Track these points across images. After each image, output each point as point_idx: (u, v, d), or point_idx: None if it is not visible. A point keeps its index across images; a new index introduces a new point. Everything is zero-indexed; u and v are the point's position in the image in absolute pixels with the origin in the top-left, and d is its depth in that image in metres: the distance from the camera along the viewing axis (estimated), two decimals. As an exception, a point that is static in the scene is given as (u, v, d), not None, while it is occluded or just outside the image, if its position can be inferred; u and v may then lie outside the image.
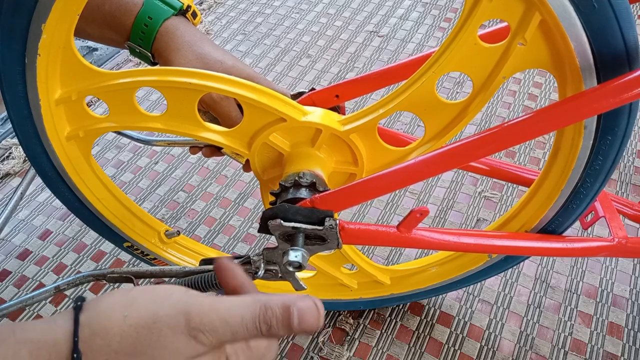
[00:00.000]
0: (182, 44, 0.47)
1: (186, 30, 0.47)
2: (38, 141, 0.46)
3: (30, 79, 0.41)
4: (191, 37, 0.47)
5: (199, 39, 0.48)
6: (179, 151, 0.90)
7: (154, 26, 0.46)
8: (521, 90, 0.95)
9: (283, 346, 0.64)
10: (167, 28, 0.47)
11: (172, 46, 0.47)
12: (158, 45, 0.47)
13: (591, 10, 0.34)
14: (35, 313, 0.69)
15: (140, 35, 0.46)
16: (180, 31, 0.47)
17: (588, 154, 0.43)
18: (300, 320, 0.28)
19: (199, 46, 0.48)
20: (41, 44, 0.39)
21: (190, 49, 0.47)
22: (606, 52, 0.35)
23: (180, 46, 0.47)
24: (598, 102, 0.35)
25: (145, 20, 0.46)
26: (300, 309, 0.28)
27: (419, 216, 0.42)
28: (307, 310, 0.28)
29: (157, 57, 0.49)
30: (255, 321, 0.27)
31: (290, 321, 0.28)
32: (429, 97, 0.42)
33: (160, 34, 0.47)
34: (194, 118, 0.44)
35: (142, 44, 0.47)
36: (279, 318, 0.28)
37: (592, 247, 0.50)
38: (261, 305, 0.28)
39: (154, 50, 0.48)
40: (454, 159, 0.40)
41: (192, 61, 0.47)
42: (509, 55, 0.38)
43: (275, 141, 0.45)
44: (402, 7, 1.17)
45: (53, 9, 0.37)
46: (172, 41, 0.47)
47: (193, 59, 0.47)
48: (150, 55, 0.48)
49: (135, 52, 0.49)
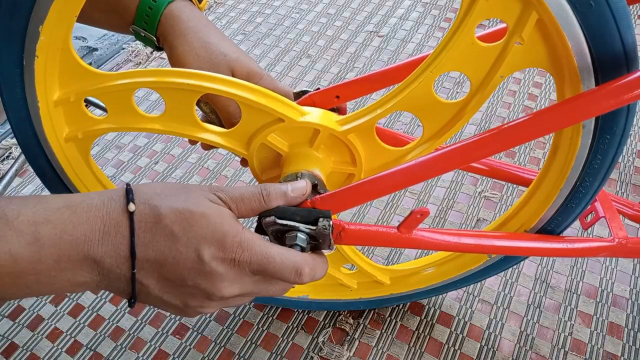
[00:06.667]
0: (186, 29, 0.47)
1: (192, 15, 0.47)
2: (37, 142, 0.46)
3: (29, 80, 0.41)
4: (197, 22, 0.47)
5: (204, 25, 0.48)
6: (179, 151, 0.90)
7: (158, 9, 0.45)
8: (521, 90, 0.95)
9: (283, 346, 0.64)
10: (172, 11, 0.46)
11: (177, 30, 0.47)
12: (163, 29, 0.47)
13: (588, 9, 0.34)
14: (35, 313, 0.69)
15: (145, 19, 0.46)
16: (185, 15, 0.47)
17: (587, 153, 0.43)
18: (292, 187, 0.40)
19: (205, 33, 0.48)
20: (39, 45, 0.39)
21: (195, 36, 0.47)
22: (604, 52, 0.35)
23: (185, 31, 0.47)
24: (597, 104, 0.35)
25: (149, 2, 0.45)
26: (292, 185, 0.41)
27: (419, 217, 0.42)
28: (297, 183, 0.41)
29: (162, 41, 0.49)
30: (258, 190, 0.38)
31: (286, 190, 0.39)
32: (426, 96, 0.42)
33: (165, 17, 0.46)
34: (192, 119, 0.44)
35: (146, 27, 0.46)
36: (277, 189, 0.39)
37: (592, 247, 0.50)
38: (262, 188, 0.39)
39: (159, 34, 0.48)
40: (454, 160, 0.40)
41: (196, 48, 0.47)
42: (506, 54, 0.38)
43: (273, 142, 0.45)
44: (402, 7, 1.17)
45: (50, 10, 0.37)
46: (177, 25, 0.47)
47: (198, 46, 0.47)
48: (155, 39, 0.48)
49: (140, 36, 0.48)
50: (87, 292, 0.71)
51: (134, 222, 0.33)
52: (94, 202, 0.34)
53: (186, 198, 0.35)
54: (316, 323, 0.66)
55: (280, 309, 0.68)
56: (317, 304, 0.65)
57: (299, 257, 0.37)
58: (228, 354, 0.64)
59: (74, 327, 0.67)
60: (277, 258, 0.36)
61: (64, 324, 0.68)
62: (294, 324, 0.66)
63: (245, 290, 0.37)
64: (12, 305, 0.70)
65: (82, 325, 0.67)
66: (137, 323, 0.67)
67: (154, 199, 0.34)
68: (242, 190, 0.38)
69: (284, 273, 0.36)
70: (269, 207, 0.39)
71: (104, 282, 0.34)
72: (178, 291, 0.36)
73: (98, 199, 0.34)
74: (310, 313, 0.67)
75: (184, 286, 0.35)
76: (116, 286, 0.35)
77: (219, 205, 0.36)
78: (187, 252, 0.34)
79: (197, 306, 0.37)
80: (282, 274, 0.36)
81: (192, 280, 0.35)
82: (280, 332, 0.66)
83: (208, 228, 0.34)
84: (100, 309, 0.69)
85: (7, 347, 0.66)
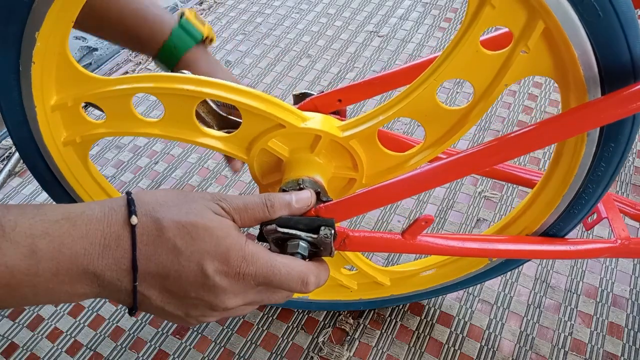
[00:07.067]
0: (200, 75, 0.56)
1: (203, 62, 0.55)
2: (34, 146, 0.45)
3: (25, 86, 0.41)
4: (207, 68, 0.56)
5: (213, 70, 0.56)
6: (179, 151, 0.90)
7: (177, 55, 0.53)
8: (521, 91, 0.95)
9: (283, 346, 0.64)
10: (188, 59, 0.54)
11: None
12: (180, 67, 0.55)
13: (596, 19, 0.33)
14: (35, 313, 0.69)
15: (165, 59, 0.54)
16: (199, 62, 0.55)
17: (590, 160, 0.42)
18: (297, 198, 0.40)
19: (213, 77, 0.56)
20: (35, 51, 0.38)
21: None
22: (611, 62, 0.34)
23: None
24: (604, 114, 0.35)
25: (171, 49, 0.53)
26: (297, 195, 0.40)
27: (424, 224, 0.42)
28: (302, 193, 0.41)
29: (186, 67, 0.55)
30: (262, 200, 0.38)
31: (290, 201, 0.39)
32: (429, 104, 0.41)
33: (182, 62, 0.54)
34: (191, 124, 0.44)
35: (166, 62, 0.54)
36: (281, 200, 0.39)
37: (595, 249, 0.50)
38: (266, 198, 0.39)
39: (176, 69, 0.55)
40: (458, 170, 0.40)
41: None
42: (511, 63, 0.37)
43: (274, 147, 0.45)
44: (402, 7, 1.16)
45: (47, 17, 0.36)
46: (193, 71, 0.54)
47: None
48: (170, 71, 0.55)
49: None
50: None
51: (135, 235, 0.33)
52: (94, 214, 0.33)
53: (188, 209, 0.35)
54: (316, 323, 0.66)
55: (280, 309, 0.68)
56: (317, 304, 0.65)
57: (304, 266, 0.37)
58: (228, 354, 0.64)
59: (74, 327, 0.67)
60: (282, 269, 0.36)
61: (64, 324, 0.68)
62: (294, 324, 0.66)
63: (248, 301, 0.37)
64: (12, 304, 0.70)
65: (82, 325, 0.67)
66: (137, 323, 0.67)
67: (156, 210, 0.34)
68: (245, 200, 0.38)
69: (290, 284, 0.36)
70: (272, 218, 0.39)
71: (103, 293, 0.34)
72: (180, 302, 0.35)
73: (98, 209, 0.34)
74: (310, 313, 0.67)
75: (187, 297, 0.35)
76: (117, 297, 0.35)
77: (221, 217, 0.36)
78: (190, 266, 0.34)
79: (199, 316, 0.37)
80: (288, 284, 0.36)
81: (195, 292, 0.35)
82: (280, 332, 0.66)
83: (211, 242, 0.34)
84: (100, 309, 0.69)
85: (7, 347, 0.66)
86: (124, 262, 0.33)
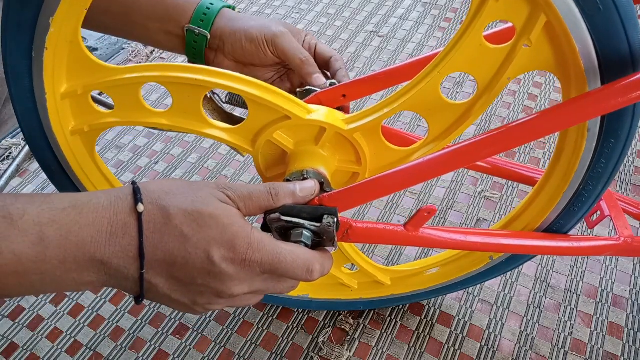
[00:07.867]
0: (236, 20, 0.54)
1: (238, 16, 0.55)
2: (42, 135, 0.46)
3: (37, 72, 0.41)
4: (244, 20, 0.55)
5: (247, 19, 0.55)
6: (179, 151, 0.90)
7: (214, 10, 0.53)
8: (521, 90, 0.96)
9: (283, 346, 0.64)
10: (224, 13, 0.54)
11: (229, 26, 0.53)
12: (217, 26, 0.53)
13: (596, 12, 0.34)
14: (35, 313, 0.68)
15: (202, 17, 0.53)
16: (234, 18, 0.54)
17: (591, 156, 0.43)
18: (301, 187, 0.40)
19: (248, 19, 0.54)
20: (49, 37, 0.39)
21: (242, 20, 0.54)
22: (611, 54, 0.35)
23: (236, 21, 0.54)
24: (603, 102, 0.35)
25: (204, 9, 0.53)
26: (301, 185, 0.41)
27: (426, 215, 0.42)
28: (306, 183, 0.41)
29: (214, 38, 0.54)
30: (267, 189, 0.38)
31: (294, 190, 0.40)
32: (433, 97, 0.42)
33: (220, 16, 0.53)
34: (198, 114, 0.44)
35: (201, 25, 0.53)
36: (285, 188, 0.39)
37: (598, 246, 0.51)
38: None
39: (213, 30, 0.53)
40: (459, 159, 0.40)
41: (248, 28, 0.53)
42: (513, 56, 0.38)
43: (279, 139, 0.46)
44: (402, 7, 1.18)
45: (62, 3, 0.37)
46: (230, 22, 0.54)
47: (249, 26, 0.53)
48: (208, 36, 0.53)
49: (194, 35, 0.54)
50: (88, 292, 0.71)
51: (142, 223, 0.33)
52: (100, 202, 0.34)
53: (195, 197, 0.35)
54: (316, 323, 0.66)
55: (280, 309, 0.68)
56: (317, 303, 0.65)
57: (310, 254, 0.38)
58: (228, 354, 0.64)
59: (74, 327, 0.67)
60: (288, 257, 0.36)
61: (64, 323, 0.67)
62: (294, 324, 0.66)
63: (254, 289, 0.37)
64: (12, 305, 0.69)
65: (82, 325, 0.67)
66: (137, 323, 0.67)
67: (162, 198, 0.34)
68: (250, 188, 0.38)
69: (296, 271, 0.37)
70: (277, 206, 0.39)
71: (110, 281, 0.34)
72: (187, 289, 0.36)
73: (105, 198, 0.34)
74: (310, 313, 0.67)
75: (194, 284, 0.35)
76: (123, 285, 0.35)
77: (227, 205, 0.36)
78: (196, 253, 0.34)
79: (205, 303, 0.37)
80: (293, 272, 0.37)
81: (202, 279, 0.35)
82: (280, 332, 0.65)
83: (217, 229, 0.34)
84: (100, 309, 0.68)
85: (7, 347, 0.65)
86: (131, 249, 0.33)
